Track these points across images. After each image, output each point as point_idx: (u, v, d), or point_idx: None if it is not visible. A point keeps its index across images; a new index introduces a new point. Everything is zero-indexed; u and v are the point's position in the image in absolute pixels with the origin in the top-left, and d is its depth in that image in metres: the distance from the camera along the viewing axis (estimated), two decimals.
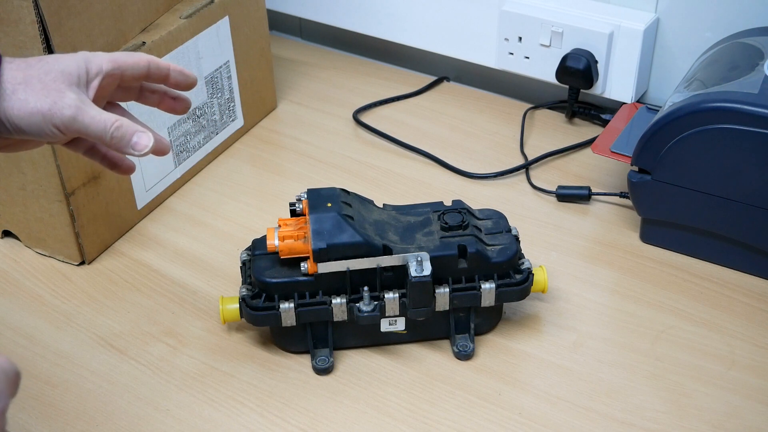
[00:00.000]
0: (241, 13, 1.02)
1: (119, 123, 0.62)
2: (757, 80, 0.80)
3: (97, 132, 0.61)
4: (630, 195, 0.88)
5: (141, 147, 0.63)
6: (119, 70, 0.65)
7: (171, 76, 0.68)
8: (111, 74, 0.65)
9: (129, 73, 0.66)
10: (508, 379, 0.77)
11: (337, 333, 0.78)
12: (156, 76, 0.68)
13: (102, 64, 0.64)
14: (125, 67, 0.65)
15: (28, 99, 0.59)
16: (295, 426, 0.74)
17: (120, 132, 0.62)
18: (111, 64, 0.64)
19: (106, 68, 0.64)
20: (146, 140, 0.63)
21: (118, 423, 0.74)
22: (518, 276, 0.77)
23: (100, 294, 0.87)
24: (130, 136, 0.62)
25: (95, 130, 0.61)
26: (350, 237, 0.73)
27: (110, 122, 0.61)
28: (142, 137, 0.63)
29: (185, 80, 0.69)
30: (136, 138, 0.62)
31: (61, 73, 0.61)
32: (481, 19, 1.10)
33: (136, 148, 0.62)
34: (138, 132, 0.63)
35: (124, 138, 0.62)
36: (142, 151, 0.63)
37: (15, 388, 0.48)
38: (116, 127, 0.61)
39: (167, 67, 0.68)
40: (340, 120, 1.12)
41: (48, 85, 0.60)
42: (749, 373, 0.77)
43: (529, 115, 1.11)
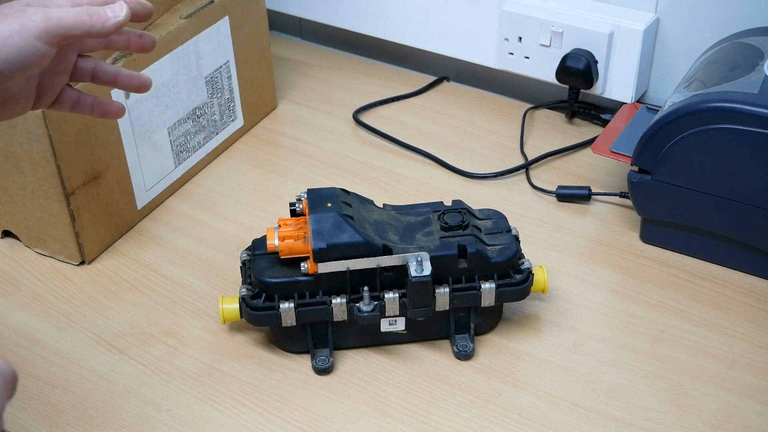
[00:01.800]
0: (241, 13, 1.02)
1: (87, 6, 0.62)
2: (757, 80, 0.80)
3: (74, 19, 0.61)
4: (630, 195, 0.88)
5: (117, 14, 0.62)
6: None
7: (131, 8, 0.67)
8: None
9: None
10: (508, 379, 0.77)
11: (337, 333, 0.79)
12: None
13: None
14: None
15: None
16: (295, 426, 0.74)
17: (93, 9, 0.62)
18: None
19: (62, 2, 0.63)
20: (119, 7, 0.62)
21: (118, 423, 0.74)
22: (518, 276, 0.77)
23: (100, 294, 0.87)
24: (103, 10, 0.62)
25: (71, 19, 0.60)
26: (350, 237, 0.73)
27: (80, 9, 0.61)
28: (114, 6, 0.62)
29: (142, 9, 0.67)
30: (110, 10, 0.62)
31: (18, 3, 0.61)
32: (481, 19, 1.10)
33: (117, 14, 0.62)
34: (108, 6, 0.62)
35: (100, 13, 0.62)
36: (122, 14, 0.62)
37: (12, 390, 0.48)
38: (87, 8, 0.62)
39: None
40: (340, 120, 1.12)
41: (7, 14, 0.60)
42: (749, 373, 0.77)
43: (529, 115, 1.11)
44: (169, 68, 0.92)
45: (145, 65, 0.89)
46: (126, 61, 0.86)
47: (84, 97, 0.71)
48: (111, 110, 0.72)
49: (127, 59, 0.86)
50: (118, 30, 0.63)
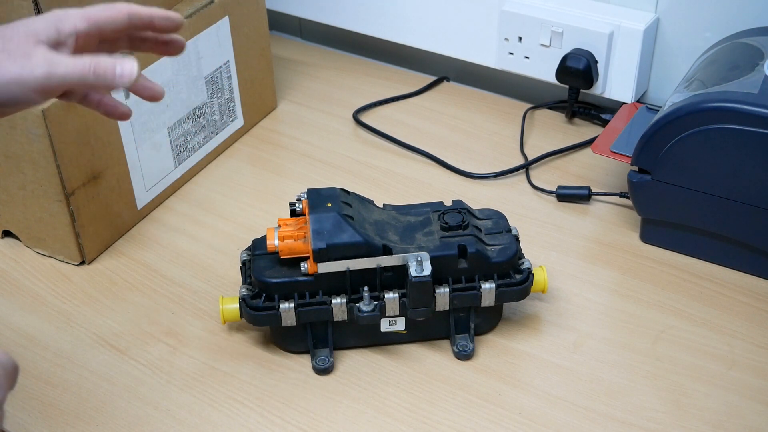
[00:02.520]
0: (241, 13, 1.02)
1: (96, 60, 0.58)
2: (757, 80, 0.80)
3: (78, 78, 0.57)
4: (630, 195, 0.88)
5: (128, 73, 0.58)
6: (96, 26, 0.61)
7: (156, 23, 0.64)
8: (87, 33, 0.61)
9: (109, 28, 0.62)
10: (508, 379, 0.77)
11: (337, 333, 0.79)
12: (140, 25, 0.64)
13: (76, 24, 0.60)
14: (102, 22, 0.61)
15: None
16: (295, 426, 0.74)
17: (101, 68, 0.58)
18: (85, 23, 0.60)
19: (81, 27, 0.60)
20: (130, 65, 0.58)
21: (118, 423, 0.74)
22: (518, 276, 0.77)
23: (100, 294, 0.87)
24: (112, 68, 0.58)
25: (75, 76, 0.57)
26: (350, 237, 0.73)
27: (87, 63, 0.57)
28: (124, 64, 0.58)
29: (171, 24, 0.65)
30: (119, 69, 0.58)
31: (25, 35, 0.58)
32: (481, 19, 1.10)
33: (124, 77, 0.58)
34: (119, 62, 0.58)
35: (108, 71, 0.58)
36: (130, 77, 0.58)
37: (13, 381, 0.48)
38: (95, 64, 0.58)
39: (149, 15, 0.64)
40: (340, 120, 1.12)
41: (12, 52, 0.57)
42: (749, 373, 0.77)
43: (529, 115, 1.11)
44: (169, 68, 0.92)
45: (145, 65, 0.89)
46: None
47: (92, 93, 0.68)
48: (116, 111, 0.69)
49: None
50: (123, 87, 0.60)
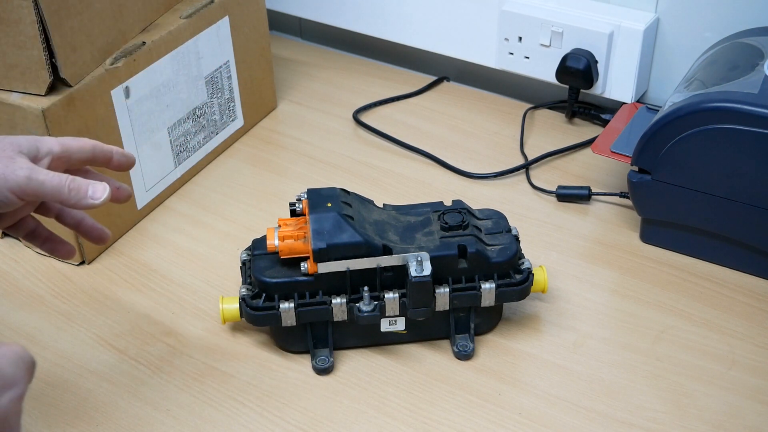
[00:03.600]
0: (241, 13, 1.02)
1: (72, 178, 0.65)
2: (757, 80, 0.80)
3: (54, 188, 0.63)
4: (630, 195, 0.88)
5: (98, 196, 0.65)
6: (67, 153, 0.68)
7: (114, 158, 0.71)
8: (59, 156, 0.67)
9: (76, 156, 0.69)
10: (508, 379, 0.77)
11: (337, 333, 0.79)
12: (101, 158, 0.70)
13: (52, 146, 0.67)
14: (72, 150, 0.68)
15: None
16: (295, 426, 0.74)
17: (75, 184, 0.64)
18: (59, 147, 0.67)
19: (56, 150, 0.67)
20: (102, 189, 0.65)
21: (118, 423, 0.74)
22: (518, 276, 0.77)
23: (100, 294, 0.87)
24: (86, 187, 0.65)
25: (51, 186, 0.63)
26: (350, 237, 0.73)
27: (65, 178, 0.64)
28: (97, 186, 0.65)
29: (126, 161, 0.72)
30: (91, 189, 0.65)
31: (11, 144, 0.64)
32: (481, 19, 1.10)
33: (94, 198, 0.65)
34: (92, 184, 0.65)
35: (81, 189, 0.65)
36: (100, 199, 0.65)
37: (31, 375, 0.50)
38: (71, 180, 0.64)
39: (110, 150, 0.71)
40: (340, 120, 1.12)
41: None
42: (749, 373, 0.77)
43: (529, 115, 1.11)
44: (169, 68, 0.92)
45: (145, 65, 0.89)
46: (126, 61, 0.86)
47: (41, 229, 0.74)
48: (61, 251, 0.74)
49: (126, 59, 0.86)
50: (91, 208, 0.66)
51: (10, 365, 0.48)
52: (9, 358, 0.48)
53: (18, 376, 0.48)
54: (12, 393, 0.48)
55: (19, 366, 0.49)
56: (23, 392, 0.49)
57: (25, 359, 0.49)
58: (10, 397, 0.47)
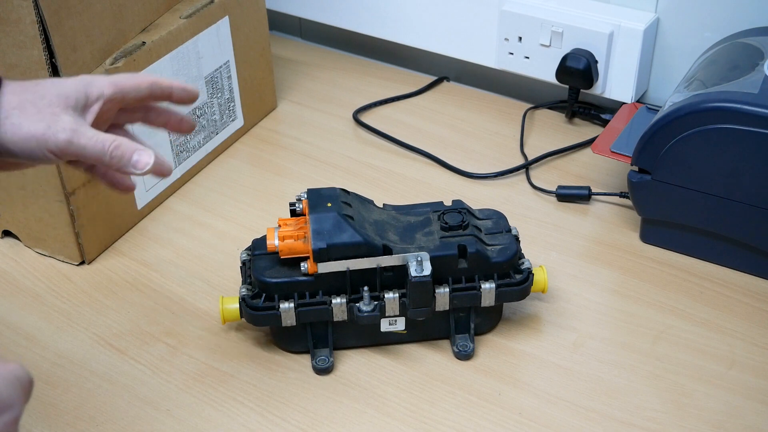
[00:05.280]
0: (241, 13, 1.02)
1: (117, 142, 0.60)
2: (757, 80, 0.80)
3: (95, 153, 0.60)
4: (630, 195, 0.88)
5: (142, 165, 0.61)
6: (121, 93, 0.64)
7: (174, 93, 0.67)
8: (112, 98, 0.63)
9: (131, 96, 0.65)
10: (508, 379, 0.77)
11: (337, 333, 0.78)
12: (159, 95, 0.66)
13: (103, 89, 0.62)
14: (127, 89, 0.64)
15: (21, 124, 0.58)
16: (295, 426, 0.74)
17: (119, 151, 0.60)
18: (112, 88, 0.63)
19: (107, 93, 0.63)
20: (147, 158, 0.61)
21: (118, 423, 0.74)
22: (518, 276, 0.77)
23: (100, 294, 0.87)
24: (129, 154, 0.61)
25: (93, 151, 0.60)
26: (350, 237, 0.73)
27: (108, 142, 0.60)
28: (142, 155, 0.61)
29: (188, 96, 0.68)
30: (136, 156, 0.61)
31: (57, 96, 0.60)
32: (481, 19, 1.10)
33: (137, 167, 0.61)
34: (138, 150, 0.61)
35: (124, 157, 0.61)
36: (143, 170, 0.61)
37: (28, 395, 0.49)
38: (115, 146, 0.60)
39: (170, 86, 0.66)
40: (340, 120, 1.12)
41: (42, 110, 0.59)
42: (749, 373, 0.77)
43: (529, 115, 1.11)
44: (169, 68, 0.92)
45: (145, 65, 0.89)
46: (126, 61, 0.86)
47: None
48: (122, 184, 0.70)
49: (126, 59, 0.86)
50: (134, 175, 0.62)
51: (7, 387, 0.47)
52: (5, 379, 0.47)
53: (14, 398, 0.47)
54: (7, 416, 0.46)
55: (16, 387, 0.47)
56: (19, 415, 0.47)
57: (22, 380, 0.48)
58: (4, 421, 0.46)
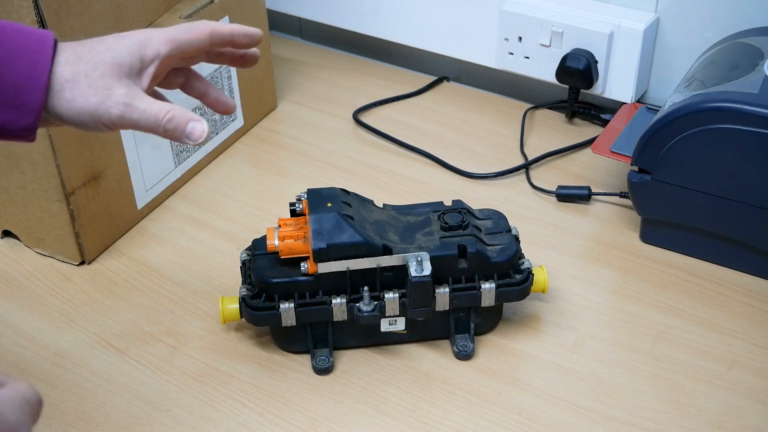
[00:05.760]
0: (241, 13, 1.02)
1: (171, 114, 0.59)
2: (757, 80, 0.80)
3: (149, 126, 0.59)
4: (630, 195, 0.88)
5: (196, 136, 0.60)
6: (178, 49, 0.62)
7: (236, 40, 0.66)
8: (169, 56, 0.62)
9: (190, 49, 0.63)
10: (508, 379, 0.77)
11: (337, 333, 0.78)
12: (220, 44, 0.65)
13: (159, 48, 0.61)
14: (185, 44, 0.62)
15: (75, 98, 0.57)
16: (295, 426, 0.74)
17: (173, 123, 0.60)
18: (169, 45, 0.61)
19: (164, 51, 0.61)
20: (201, 128, 0.60)
21: (118, 423, 0.74)
22: (518, 276, 0.77)
23: (100, 294, 0.87)
24: (183, 125, 0.60)
25: (146, 123, 0.59)
26: (350, 237, 0.73)
27: (162, 114, 0.59)
28: (196, 126, 0.60)
29: (251, 40, 0.66)
30: (190, 127, 0.60)
31: (110, 65, 0.59)
32: (481, 19, 1.10)
33: (191, 137, 0.60)
34: (192, 120, 0.60)
35: (178, 128, 0.60)
36: (198, 140, 0.60)
37: (36, 417, 0.48)
38: (168, 119, 0.59)
39: (230, 32, 0.65)
40: (340, 120, 1.12)
41: (95, 82, 0.58)
42: (749, 373, 0.77)
43: (529, 115, 1.11)
44: None
45: None
46: None
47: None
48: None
49: None
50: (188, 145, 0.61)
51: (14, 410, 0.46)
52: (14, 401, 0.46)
53: (21, 421, 0.46)
54: None
55: (24, 410, 0.47)
56: None
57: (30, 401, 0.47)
58: None
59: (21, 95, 0.56)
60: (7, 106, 0.57)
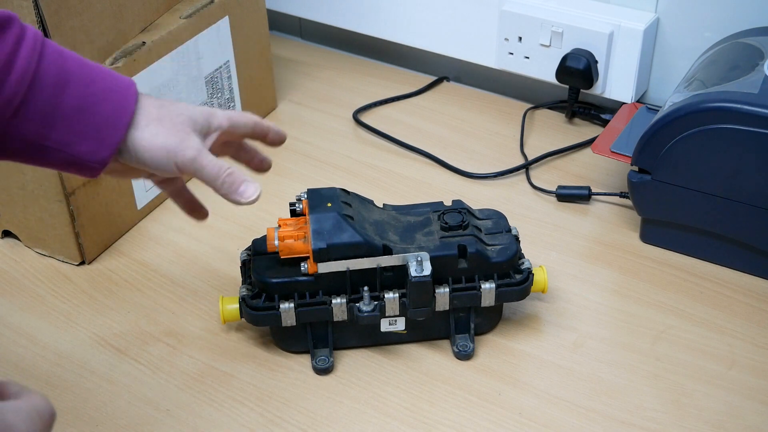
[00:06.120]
0: (241, 13, 1.02)
1: (231, 170, 0.66)
2: (757, 80, 0.80)
3: (211, 175, 0.66)
4: (630, 195, 0.88)
5: (248, 195, 0.67)
6: (233, 127, 0.70)
7: (270, 135, 0.74)
8: (226, 131, 0.70)
9: (239, 131, 0.71)
10: (508, 379, 0.77)
11: (337, 333, 0.78)
12: (259, 135, 0.73)
13: (222, 122, 0.69)
14: (238, 125, 0.70)
15: (158, 134, 0.64)
16: (295, 426, 0.74)
17: (231, 178, 0.66)
18: (228, 122, 0.69)
19: (225, 125, 0.69)
20: (253, 190, 0.67)
21: (118, 423, 0.74)
22: (518, 276, 0.77)
23: (100, 294, 0.87)
24: (239, 184, 0.66)
25: (209, 173, 0.66)
26: (350, 237, 0.73)
27: (224, 168, 0.66)
28: (249, 186, 0.67)
29: (279, 139, 0.74)
30: (244, 186, 0.67)
31: (189, 118, 0.66)
32: (481, 19, 1.10)
33: (243, 196, 0.67)
34: (246, 181, 0.67)
35: (234, 184, 0.66)
36: (248, 200, 0.67)
37: (49, 429, 0.48)
38: (228, 173, 0.66)
39: (268, 128, 0.73)
40: (340, 120, 1.12)
41: (177, 126, 0.65)
42: (749, 373, 0.77)
43: (529, 115, 1.11)
44: (169, 68, 0.92)
45: (145, 65, 0.89)
46: (125, 61, 0.86)
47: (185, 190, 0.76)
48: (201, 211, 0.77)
49: (126, 59, 0.86)
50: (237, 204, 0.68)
51: (25, 422, 0.46)
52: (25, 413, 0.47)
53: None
54: None
55: (35, 422, 0.47)
56: None
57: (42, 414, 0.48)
58: None
59: (104, 130, 0.63)
60: (89, 138, 0.63)
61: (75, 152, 0.63)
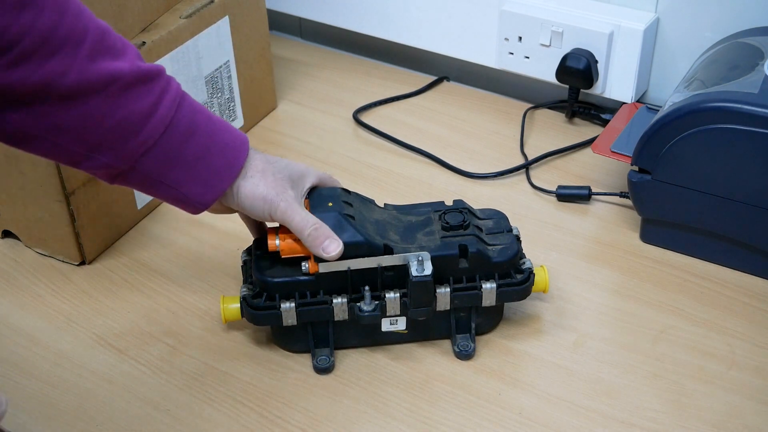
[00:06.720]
0: (241, 13, 1.02)
1: (318, 226, 0.72)
2: (757, 80, 0.80)
3: (300, 227, 0.72)
4: (630, 195, 0.88)
5: (330, 251, 0.72)
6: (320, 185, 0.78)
7: None
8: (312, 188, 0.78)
9: None
10: (508, 379, 0.77)
11: (337, 332, 0.78)
12: None
13: (312, 180, 0.77)
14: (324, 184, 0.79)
15: (259, 185, 0.73)
16: (295, 426, 0.74)
17: (317, 233, 0.72)
18: (318, 181, 0.78)
19: (315, 183, 0.77)
20: (335, 246, 0.72)
21: (118, 423, 0.74)
22: (519, 276, 0.77)
23: (100, 294, 0.87)
24: (323, 240, 0.72)
25: (299, 224, 0.72)
26: (351, 236, 0.73)
27: (311, 223, 0.72)
28: (332, 243, 0.72)
29: None
30: (327, 242, 0.72)
31: (288, 176, 0.75)
32: (481, 19, 1.10)
33: (326, 251, 0.72)
34: (330, 238, 0.72)
35: (318, 239, 0.72)
36: (329, 255, 0.72)
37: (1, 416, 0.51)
38: (314, 228, 0.72)
39: None
40: (340, 120, 1.12)
41: (278, 181, 0.73)
42: (749, 373, 0.77)
43: (529, 115, 1.11)
44: (169, 68, 0.92)
45: None
46: None
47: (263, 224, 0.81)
48: None
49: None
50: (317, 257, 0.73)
51: None
52: None
53: None
54: None
55: None
56: None
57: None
58: None
59: (214, 178, 0.72)
60: (200, 183, 0.72)
61: (186, 192, 0.72)
